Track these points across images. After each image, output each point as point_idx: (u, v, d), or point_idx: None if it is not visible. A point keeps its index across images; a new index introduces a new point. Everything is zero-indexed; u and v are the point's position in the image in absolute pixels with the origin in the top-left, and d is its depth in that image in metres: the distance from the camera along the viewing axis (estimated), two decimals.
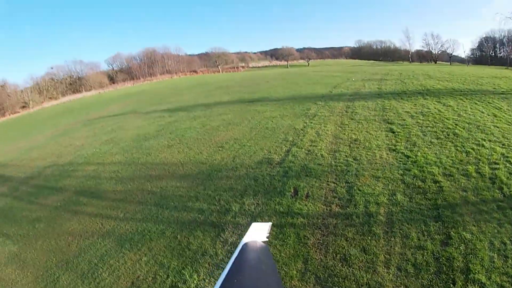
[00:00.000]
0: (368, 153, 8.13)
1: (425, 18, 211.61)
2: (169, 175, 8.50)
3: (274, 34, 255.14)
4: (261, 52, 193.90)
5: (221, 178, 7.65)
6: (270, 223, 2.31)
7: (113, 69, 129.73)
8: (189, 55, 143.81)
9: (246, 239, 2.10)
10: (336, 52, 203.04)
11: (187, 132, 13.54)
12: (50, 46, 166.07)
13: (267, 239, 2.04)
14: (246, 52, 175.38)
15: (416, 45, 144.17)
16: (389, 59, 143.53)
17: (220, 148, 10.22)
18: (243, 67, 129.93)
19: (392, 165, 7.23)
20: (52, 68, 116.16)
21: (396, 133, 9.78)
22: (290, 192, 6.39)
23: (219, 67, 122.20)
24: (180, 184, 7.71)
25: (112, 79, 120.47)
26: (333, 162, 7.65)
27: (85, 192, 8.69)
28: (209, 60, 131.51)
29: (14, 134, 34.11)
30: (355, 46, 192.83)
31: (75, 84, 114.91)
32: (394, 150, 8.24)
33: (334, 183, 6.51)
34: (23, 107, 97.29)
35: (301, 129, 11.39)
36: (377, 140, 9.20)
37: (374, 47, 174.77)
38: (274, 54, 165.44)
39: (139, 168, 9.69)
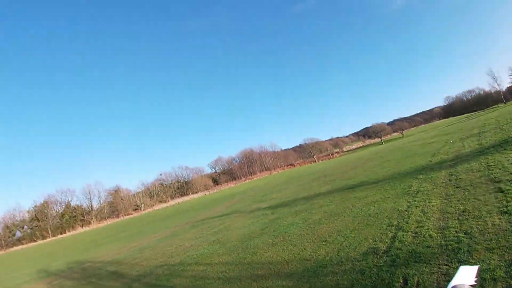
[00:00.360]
0: (479, 222, 7.53)
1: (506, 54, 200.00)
2: (274, 274, 8.48)
3: (363, 113, 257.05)
4: (352, 134, 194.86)
5: (327, 274, 7.46)
6: (478, 266, 2.28)
7: (216, 171, 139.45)
8: (284, 149, 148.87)
9: (454, 282, 2.10)
10: (427, 116, 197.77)
11: (290, 229, 13.53)
12: (159, 155, 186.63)
13: (475, 283, 2.02)
14: (338, 137, 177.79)
15: (505, 83, 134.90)
16: (483, 107, 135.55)
17: (323, 243, 10.04)
18: (337, 152, 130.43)
19: (505, 230, 6.62)
20: (161, 174, 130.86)
21: (506, 191, 9.09)
22: (399, 282, 6.01)
23: (314, 156, 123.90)
24: (286, 283, 7.64)
25: (215, 181, 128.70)
26: (442, 242, 7.16)
27: None
28: (304, 151, 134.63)
29: (127, 234, 36.71)
30: (445, 104, 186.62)
31: (183, 188, 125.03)
32: (506, 212, 7.58)
33: (446, 265, 6.04)
34: (135, 209, 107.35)
35: (405, 210, 10.89)
36: (487, 205, 8.55)
37: (464, 99, 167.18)
38: (366, 133, 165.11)
39: (245, 268, 9.80)
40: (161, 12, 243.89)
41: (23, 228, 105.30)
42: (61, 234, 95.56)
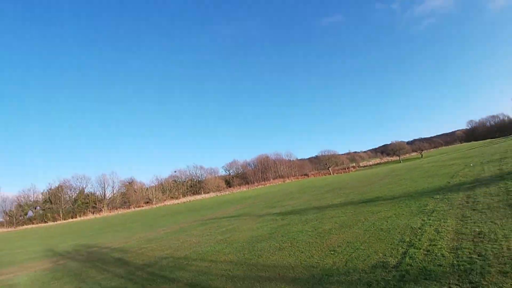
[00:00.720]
0: (494, 246, 7.32)
1: None
2: (279, 277, 8.35)
3: (383, 130, 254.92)
4: (370, 150, 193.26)
5: (332, 282, 7.29)
6: None
7: (229, 174, 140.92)
8: (300, 159, 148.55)
9: None
10: (449, 138, 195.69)
11: (299, 236, 13.39)
12: (176, 152, 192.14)
13: None
14: (355, 151, 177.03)
15: None
16: (506, 134, 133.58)
17: (332, 252, 9.86)
18: (353, 167, 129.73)
19: None
20: (175, 171, 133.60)
21: None
22: None
23: (329, 169, 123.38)
24: (290, 287, 7.53)
25: (228, 183, 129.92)
26: (455, 262, 6.95)
27: (196, 286, 8.92)
28: (319, 163, 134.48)
29: (137, 225, 37.22)
30: (467, 127, 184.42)
31: (195, 186, 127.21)
32: None
33: (457, 284, 5.83)
34: (147, 202, 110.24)
35: (419, 228, 10.65)
36: (503, 229, 8.35)
37: (488, 124, 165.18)
38: (385, 150, 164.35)
39: (250, 269, 9.70)
40: (194, 16, 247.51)
41: (35, 208, 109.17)
42: (72, 218, 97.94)
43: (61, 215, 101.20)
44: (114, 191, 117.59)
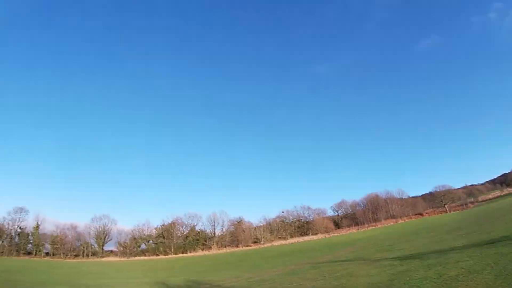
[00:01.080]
0: None
1: None
2: None
3: (501, 157, 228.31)
4: (488, 182, 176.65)
5: None
6: None
7: (338, 215, 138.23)
8: (412, 197, 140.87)
9: None
10: None
11: (423, 283, 12.61)
12: (283, 192, 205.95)
13: None
14: (472, 184, 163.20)
15: None
16: None
17: None
18: (472, 202, 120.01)
19: None
20: (283, 212, 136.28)
21: None
22: None
23: (445, 206, 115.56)
24: None
25: (337, 224, 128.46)
26: None
27: None
28: (434, 200, 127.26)
29: (246, 264, 37.94)
30: None
31: (303, 227, 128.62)
32: None
33: None
34: (255, 242, 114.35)
35: None
36: None
37: None
38: (504, 180, 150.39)
39: None
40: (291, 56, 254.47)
41: (148, 242, 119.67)
42: (182, 253, 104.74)
43: (172, 250, 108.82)
44: (224, 230, 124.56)
